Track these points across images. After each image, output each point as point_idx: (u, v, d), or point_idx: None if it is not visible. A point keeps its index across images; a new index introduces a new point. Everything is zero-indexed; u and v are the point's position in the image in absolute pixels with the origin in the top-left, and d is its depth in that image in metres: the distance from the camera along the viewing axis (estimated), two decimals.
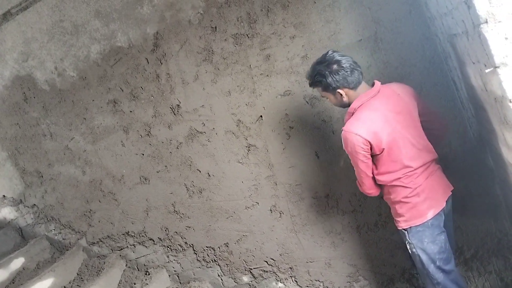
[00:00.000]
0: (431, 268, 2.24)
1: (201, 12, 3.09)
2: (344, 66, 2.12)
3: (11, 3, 3.51)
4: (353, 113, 2.19)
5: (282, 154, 3.15)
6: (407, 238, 2.26)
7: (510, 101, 1.52)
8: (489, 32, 1.48)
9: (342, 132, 2.16)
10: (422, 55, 2.74)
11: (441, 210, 2.22)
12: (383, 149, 2.12)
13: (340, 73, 2.12)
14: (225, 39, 3.08)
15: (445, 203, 2.24)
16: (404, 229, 2.26)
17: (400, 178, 2.18)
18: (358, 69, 2.16)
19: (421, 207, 2.19)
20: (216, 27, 3.07)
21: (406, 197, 2.20)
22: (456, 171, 2.83)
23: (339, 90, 2.16)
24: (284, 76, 3.01)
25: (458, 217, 2.90)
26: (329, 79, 2.14)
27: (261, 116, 3.14)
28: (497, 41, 1.48)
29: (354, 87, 2.16)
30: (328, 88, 2.18)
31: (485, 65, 1.63)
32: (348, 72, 2.12)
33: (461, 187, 2.85)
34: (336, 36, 2.86)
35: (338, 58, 2.13)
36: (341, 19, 2.83)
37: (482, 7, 1.46)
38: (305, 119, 3.00)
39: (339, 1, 2.80)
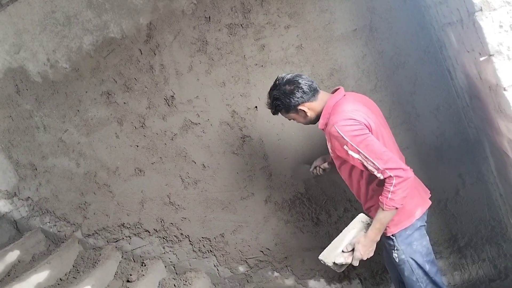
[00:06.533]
0: (420, 273, 2.20)
1: (195, 2, 3.06)
2: (296, 83, 2.12)
3: None
4: (330, 113, 2.11)
5: (277, 144, 3.15)
6: (396, 245, 2.19)
7: (505, 89, 1.52)
8: (484, 20, 1.48)
9: (332, 129, 2.01)
10: (417, 44, 2.74)
11: (426, 210, 2.21)
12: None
13: (295, 91, 2.11)
14: (219, 29, 3.06)
15: (430, 202, 2.24)
16: (392, 235, 2.18)
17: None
18: (311, 82, 2.16)
19: (408, 206, 2.12)
20: (210, 17, 3.05)
21: None
22: (450, 159, 2.86)
23: (300, 107, 2.14)
24: (279, 66, 3.00)
25: (452, 205, 2.93)
26: (287, 100, 2.13)
27: (256, 106, 3.13)
28: (491, 29, 1.48)
29: (313, 99, 2.14)
30: (290, 109, 2.16)
31: (480, 54, 1.63)
32: (302, 87, 2.11)
33: (456, 176, 2.88)
34: (331, 25, 2.85)
35: (288, 78, 2.15)
36: (335, 9, 2.82)
37: None
38: None
39: None
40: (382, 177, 1.93)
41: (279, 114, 2.25)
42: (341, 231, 2.23)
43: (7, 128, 3.83)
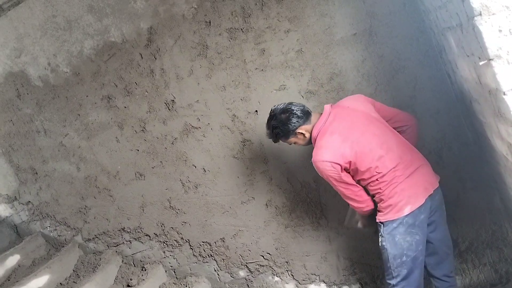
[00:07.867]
0: (394, 264, 2.32)
1: (195, 6, 3.07)
2: (289, 110, 2.35)
3: None
4: (315, 141, 2.36)
5: (277, 149, 3.15)
6: (381, 231, 2.34)
7: (504, 94, 1.52)
8: (483, 25, 1.48)
9: (314, 164, 2.31)
10: (417, 48, 2.75)
11: (417, 208, 2.25)
12: (353, 164, 2.27)
13: (290, 117, 2.33)
14: (220, 34, 3.07)
15: (424, 200, 2.27)
16: (380, 221, 2.34)
17: (374, 181, 2.29)
18: (303, 106, 2.40)
19: (399, 203, 2.26)
20: (210, 22, 3.06)
21: (383, 195, 2.29)
22: (450, 164, 2.85)
23: (298, 131, 2.36)
24: (279, 70, 3.01)
25: (453, 209, 2.92)
26: (285, 127, 2.35)
27: (256, 111, 3.13)
28: (491, 34, 1.48)
29: (308, 122, 2.37)
30: (289, 134, 2.38)
31: (479, 58, 1.63)
32: (295, 113, 2.34)
33: (456, 180, 2.87)
34: (331, 30, 2.86)
35: (282, 107, 2.38)
36: (335, 13, 2.82)
37: (476, 0, 1.46)
38: None
39: None
40: None
41: (280, 141, 2.47)
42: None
43: (8, 132, 3.84)
